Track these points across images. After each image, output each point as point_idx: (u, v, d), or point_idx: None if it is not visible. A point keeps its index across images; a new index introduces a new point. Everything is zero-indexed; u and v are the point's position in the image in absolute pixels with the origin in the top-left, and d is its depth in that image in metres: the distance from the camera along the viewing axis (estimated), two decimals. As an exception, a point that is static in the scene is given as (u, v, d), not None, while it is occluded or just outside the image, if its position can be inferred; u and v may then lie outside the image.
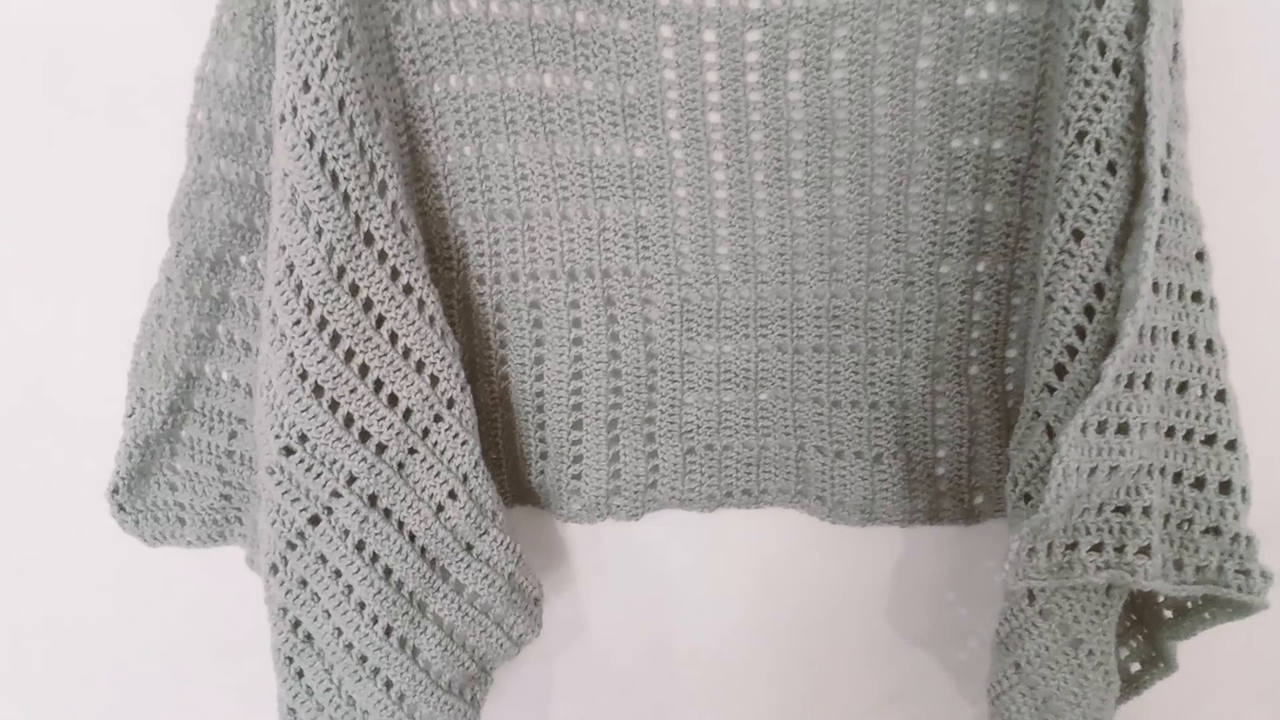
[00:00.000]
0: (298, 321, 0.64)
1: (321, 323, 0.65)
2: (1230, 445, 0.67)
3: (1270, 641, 0.89)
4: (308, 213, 0.63)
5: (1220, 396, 0.67)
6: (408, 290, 0.68)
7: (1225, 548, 0.67)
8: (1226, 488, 0.67)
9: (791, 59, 0.70)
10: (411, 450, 0.70)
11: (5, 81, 0.78)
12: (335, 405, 0.67)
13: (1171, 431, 0.66)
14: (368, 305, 0.67)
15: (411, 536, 0.71)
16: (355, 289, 0.66)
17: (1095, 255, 0.63)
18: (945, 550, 0.87)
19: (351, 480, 0.68)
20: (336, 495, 0.68)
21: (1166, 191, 0.62)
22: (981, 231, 0.74)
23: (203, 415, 0.77)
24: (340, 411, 0.67)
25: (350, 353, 0.66)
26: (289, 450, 0.67)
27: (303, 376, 0.65)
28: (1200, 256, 0.66)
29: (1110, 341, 0.63)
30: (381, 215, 0.66)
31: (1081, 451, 0.62)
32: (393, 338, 0.68)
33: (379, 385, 0.68)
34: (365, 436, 0.68)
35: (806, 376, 0.79)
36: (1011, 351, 0.77)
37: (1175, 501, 0.67)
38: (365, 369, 0.67)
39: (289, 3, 0.61)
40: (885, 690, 0.92)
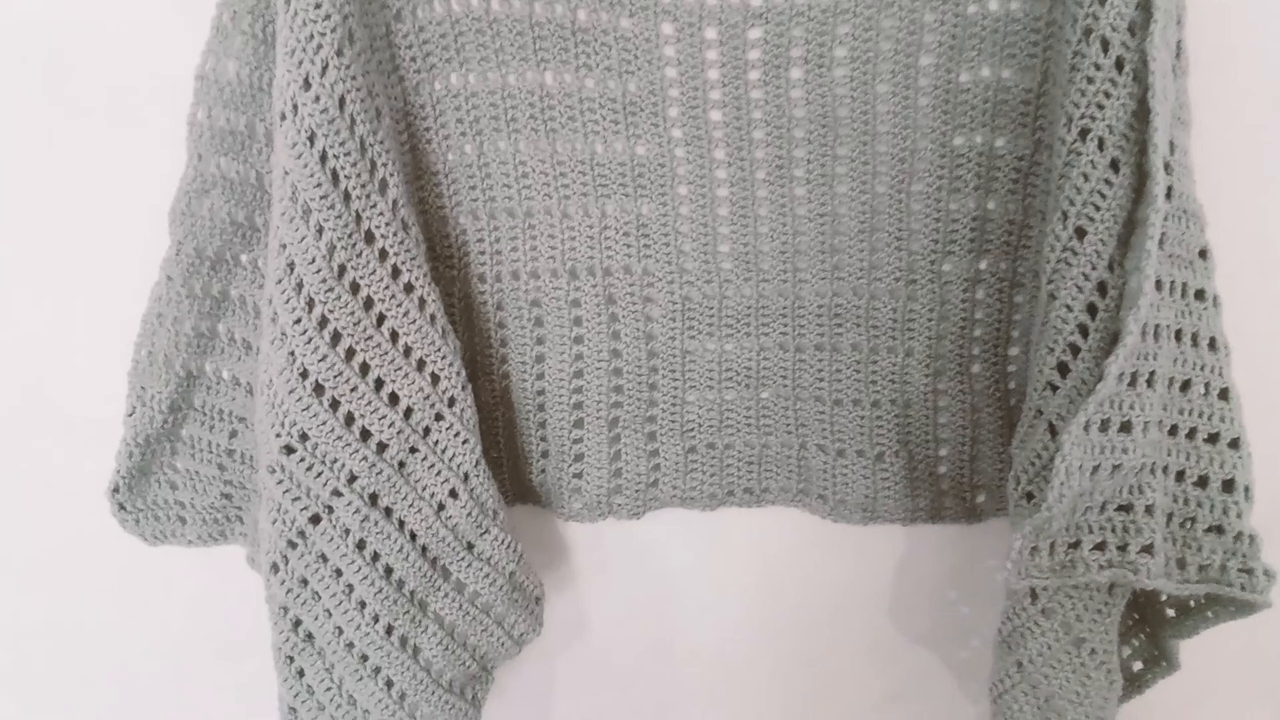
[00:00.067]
0: (298, 320, 0.64)
1: (322, 321, 0.65)
2: (1233, 443, 0.67)
3: (1273, 640, 0.89)
4: (308, 211, 0.63)
5: (1223, 394, 0.67)
6: (408, 289, 0.68)
7: (1228, 546, 0.67)
8: (1229, 486, 0.67)
9: (793, 56, 0.70)
10: (412, 449, 0.70)
11: (5, 81, 0.78)
12: (336, 404, 0.66)
13: (1174, 430, 0.66)
14: (368, 304, 0.66)
15: (412, 535, 0.71)
16: (356, 287, 0.66)
17: (1098, 253, 0.63)
18: (947, 549, 0.87)
19: (352, 479, 0.68)
20: (337, 494, 0.68)
21: (1170, 189, 0.61)
22: (984, 229, 0.74)
23: (203, 414, 0.77)
24: (341, 410, 0.67)
25: (351, 351, 0.66)
26: (290, 449, 0.67)
27: (303, 375, 0.65)
28: (1203, 254, 0.66)
29: (1113, 339, 0.63)
30: (382, 213, 0.66)
31: (1084, 450, 0.62)
32: (393, 336, 0.68)
33: (380, 384, 0.68)
34: (366, 435, 0.68)
35: (808, 375, 0.79)
36: (1014, 350, 0.77)
37: (1178, 500, 0.67)
38: (366, 367, 0.67)
39: (289, 0, 0.61)
40: (887, 689, 0.92)
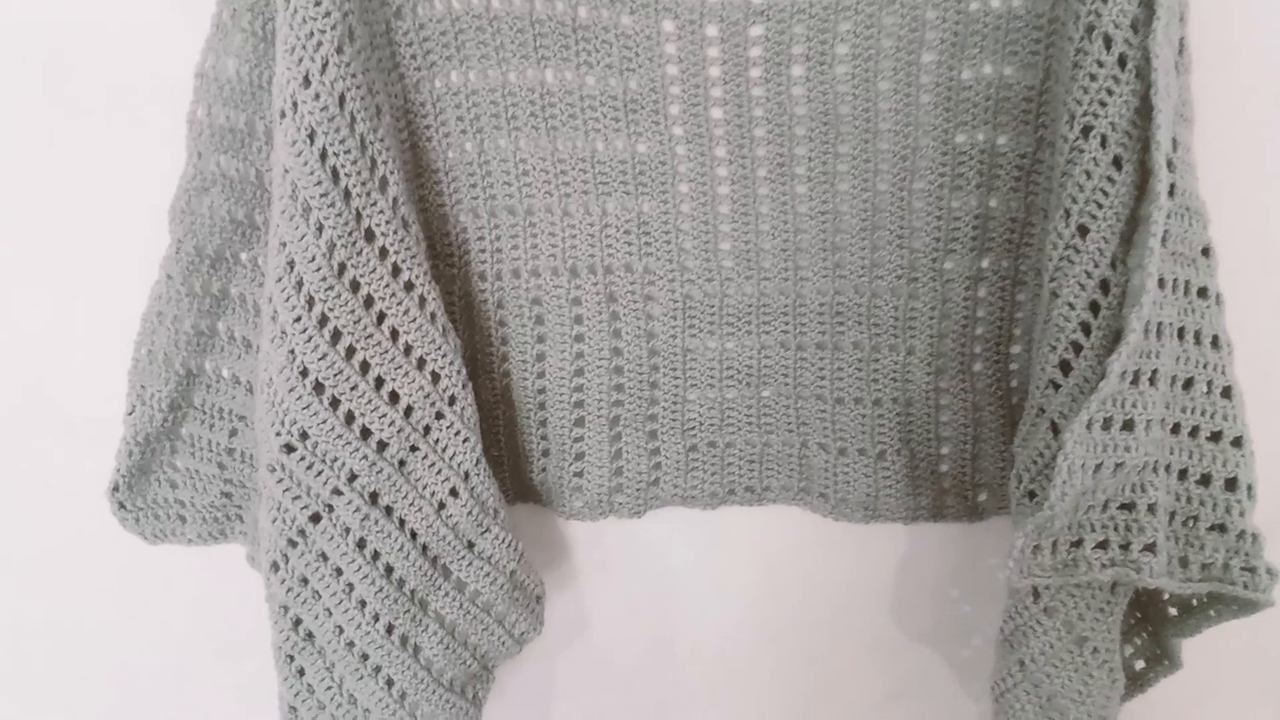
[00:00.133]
0: (298, 318, 0.64)
1: (322, 320, 0.65)
2: (1236, 442, 0.67)
3: (1275, 639, 0.89)
4: (308, 209, 0.63)
5: (1226, 393, 0.66)
6: (409, 287, 0.68)
7: (1231, 545, 0.66)
8: (1232, 484, 0.67)
9: (794, 54, 0.70)
10: (413, 448, 0.70)
11: (5, 81, 0.77)
12: (336, 402, 0.66)
13: (1177, 428, 0.66)
14: (369, 302, 0.66)
15: (413, 534, 0.71)
16: (356, 286, 0.65)
17: (1101, 251, 0.62)
18: (949, 547, 0.87)
19: (353, 478, 0.68)
20: (337, 493, 0.68)
21: (1172, 187, 0.61)
22: (986, 227, 0.74)
23: (203, 412, 0.77)
24: (341, 409, 0.67)
25: (351, 350, 0.66)
26: (290, 448, 0.67)
27: (303, 374, 0.65)
28: (1206, 252, 0.66)
29: (1116, 337, 0.62)
30: (382, 211, 0.65)
31: (1087, 448, 0.61)
32: (394, 335, 0.68)
33: (380, 382, 0.68)
34: (366, 434, 0.68)
35: (809, 373, 0.79)
36: (1016, 348, 0.77)
37: (1181, 498, 0.67)
38: (366, 366, 0.67)
39: (289, -3, 0.61)
40: (888, 688, 0.92)
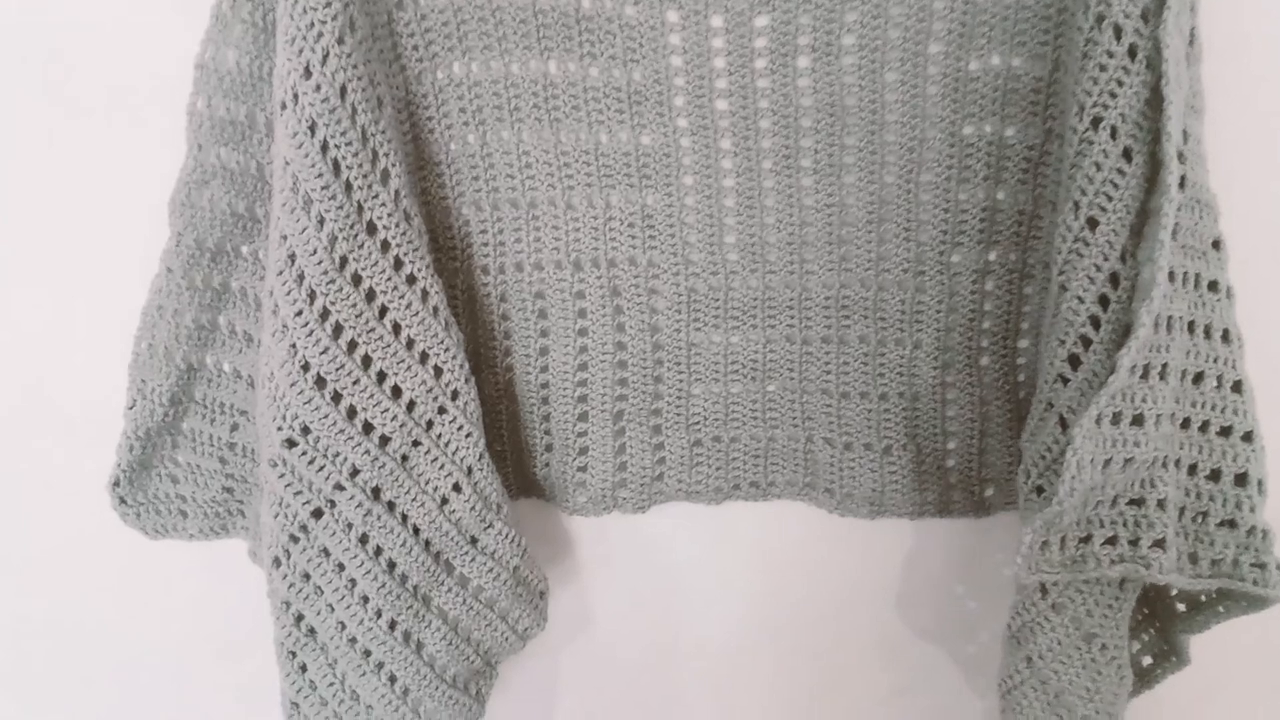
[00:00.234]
0: (300, 312, 0.64)
1: (324, 314, 0.64)
2: (1246, 437, 0.66)
3: (1284, 635, 0.89)
4: (309, 201, 0.63)
5: (1236, 387, 0.66)
6: (411, 281, 0.67)
7: (1241, 541, 0.66)
8: (1242, 480, 0.66)
9: (800, 45, 0.69)
10: (415, 442, 0.69)
11: (5, 81, 0.77)
12: (338, 397, 0.66)
13: (1187, 423, 0.66)
14: (370, 296, 0.66)
15: (415, 530, 0.70)
16: (358, 279, 0.65)
17: (1110, 244, 0.62)
18: (955, 543, 0.86)
19: (355, 473, 0.68)
20: (339, 488, 0.68)
21: (1183, 179, 0.61)
22: (993, 220, 0.73)
23: (204, 407, 0.76)
24: (343, 403, 0.66)
25: (353, 344, 0.66)
26: (291, 442, 0.66)
27: (305, 368, 0.65)
28: (1216, 245, 0.65)
29: (1125, 331, 0.62)
30: (384, 204, 0.65)
31: (1096, 443, 0.61)
32: (396, 329, 0.67)
33: (382, 377, 0.67)
34: (368, 429, 0.67)
35: (815, 367, 0.78)
36: (1023, 342, 0.76)
37: (1190, 494, 0.67)
38: (368, 360, 0.67)
39: (289, -12, 0.60)
40: (894, 684, 0.92)
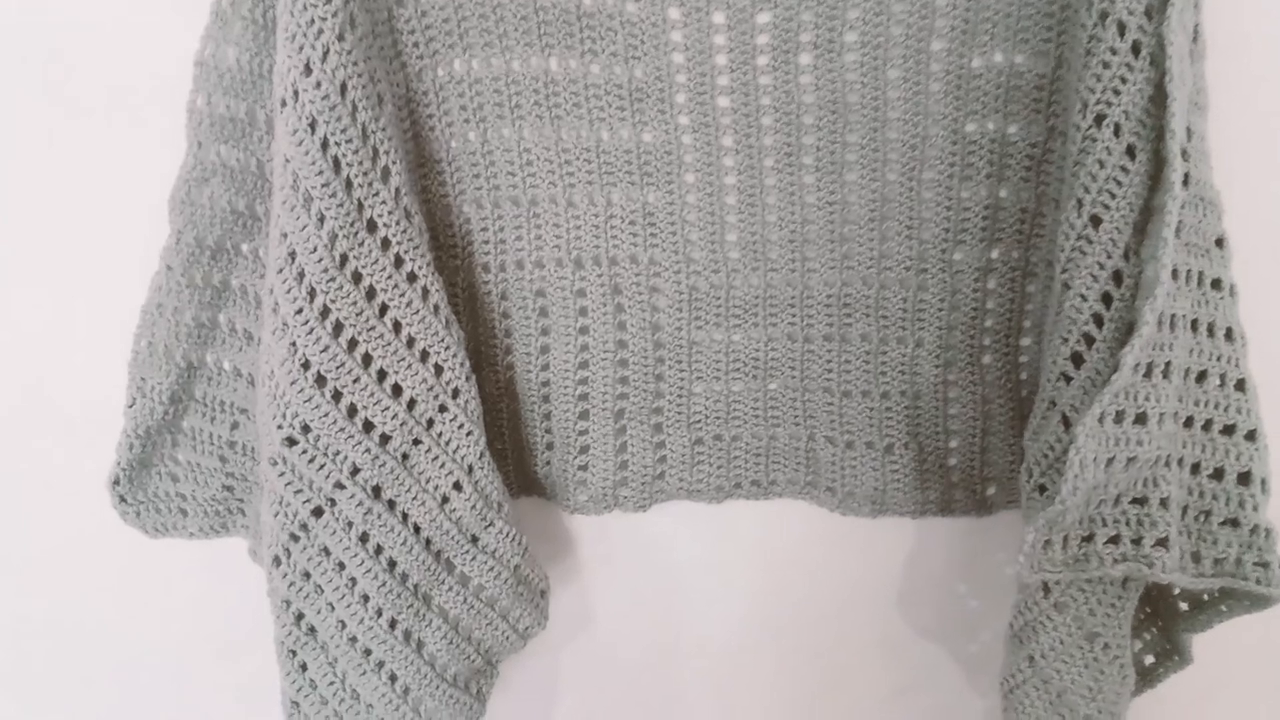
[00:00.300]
0: (300, 310, 0.64)
1: (324, 311, 0.64)
2: (1250, 435, 0.66)
3: (1287, 634, 0.88)
4: (310, 199, 0.62)
5: (1240, 386, 0.66)
6: (411, 278, 0.67)
7: (1244, 540, 0.66)
8: (1245, 479, 0.66)
9: (803, 41, 0.69)
10: (416, 441, 0.69)
11: (5, 81, 0.77)
12: (338, 395, 0.66)
13: (1190, 421, 0.65)
14: (371, 294, 0.66)
15: (416, 528, 0.70)
16: (358, 277, 0.65)
17: (1113, 242, 0.62)
18: (957, 542, 0.86)
19: (355, 471, 0.68)
20: (340, 486, 0.68)
21: (1186, 176, 0.60)
22: (996, 218, 0.73)
23: (204, 405, 0.76)
24: (343, 402, 0.66)
25: (353, 342, 0.66)
26: (292, 441, 0.66)
27: (305, 366, 0.65)
28: (1220, 243, 0.65)
29: (1128, 329, 0.62)
30: (385, 202, 0.65)
31: (1099, 442, 0.61)
32: (396, 327, 0.67)
33: (383, 375, 0.67)
34: (369, 427, 0.67)
35: (817, 366, 0.78)
36: (1026, 340, 0.76)
37: (1193, 493, 0.66)
38: (369, 359, 0.66)
39: (289, -15, 0.60)
40: (895, 683, 0.92)
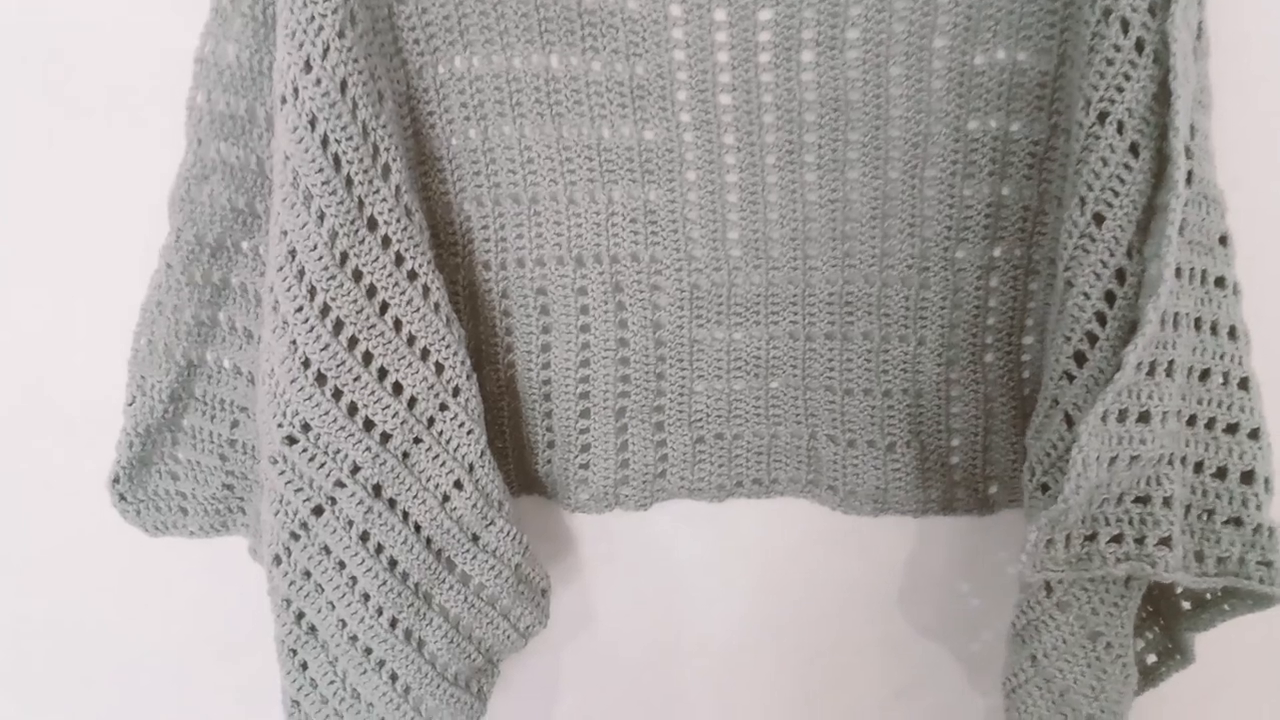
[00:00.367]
0: (300, 308, 0.63)
1: (324, 309, 0.64)
2: (1253, 434, 0.66)
3: (1290, 633, 0.88)
4: (310, 196, 0.62)
5: (1243, 384, 0.66)
6: (412, 276, 0.67)
7: (1247, 539, 0.66)
8: (1249, 478, 0.66)
9: (804, 38, 0.69)
10: (416, 439, 0.69)
11: (5, 81, 0.77)
12: (339, 393, 0.66)
13: (1193, 420, 0.65)
14: (371, 291, 0.66)
15: (417, 527, 0.70)
16: (359, 275, 0.65)
17: (1117, 240, 0.61)
18: (959, 541, 0.86)
19: (355, 470, 0.67)
20: (340, 485, 0.67)
21: (1190, 174, 0.60)
22: (998, 216, 0.73)
23: (204, 403, 0.76)
24: (344, 400, 0.66)
25: (354, 340, 0.65)
26: (292, 439, 0.66)
27: (305, 364, 0.64)
28: (1223, 240, 0.65)
29: (1131, 328, 0.62)
30: (385, 199, 0.65)
31: (1102, 440, 0.61)
32: (397, 325, 0.67)
33: (383, 373, 0.67)
34: (369, 425, 0.67)
35: (818, 364, 0.78)
36: (1028, 338, 0.76)
37: (1196, 492, 0.66)
38: (369, 357, 0.66)
39: (290, -19, 0.60)
40: (897, 682, 0.92)
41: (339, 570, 0.69)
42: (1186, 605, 0.74)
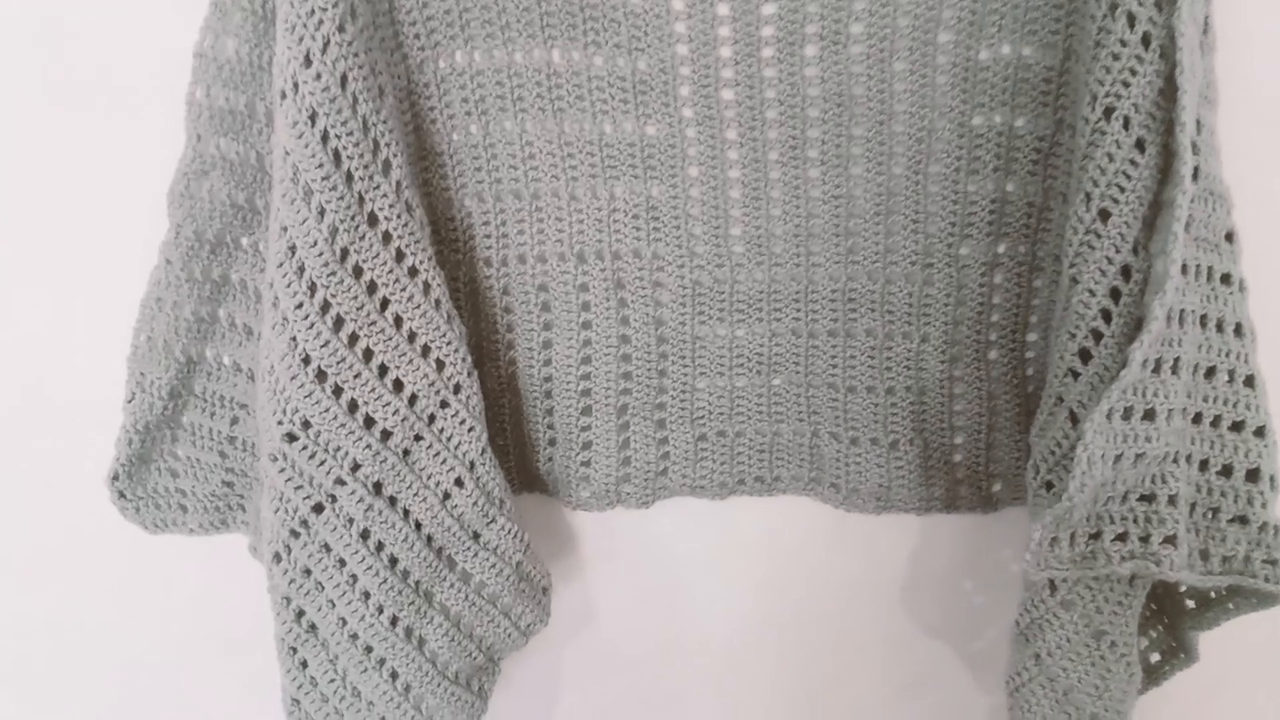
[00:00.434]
0: (300, 305, 0.63)
1: (325, 306, 0.64)
2: (1258, 432, 0.66)
3: (1293, 632, 0.88)
4: (310, 192, 0.62)
5: (1249, 382, 0.65)
6: (413, 273, 0.67)
7: (1253, 537, 0.65)
8: (1254, 475, 0.65)
9: (808, 33, 0.68)
10: (417, 437, 0.69)
11: (5, 78, 0.77)
12: (339, 391, 0.65)
13: (1198, 418, 0.65)
14: (372, 288, 0.65)
15: (417, 525, 0.70)
16: (359, 271, 0.65)
17: (1122, 236, 0.61)
18: (962, 539, 0.86)
19: (356, 467, 0.67)
20: (340, 482, 0.67)
21: (1196, 170, 0.60)
22: (1002, 212, 0.72)
23: (204, 400, 0.76)
24: (344, 397, 0.66)
25: (354, 337, 0.65)
26: (292, 436, 0.66)
27: (305, 361, 0.64)
28: (1229, 237, 0.64)
29: (1137, 325, 0.61)
30: (386, 195, 0.64)
31: (1107, 438, 0.60)
32: (398, 321, 0.67)
33: (384, 370, 0.67)
34: (370, 423, 0.67)
35: (821, 361, 0.77)
36: (1032, 335, 0.75)
37: (1201, 490, 0.66)
38: (370, 354, 0.66)
39: (289, -25, 0.59)
40: (900, 681, 0.91)
41: (339, 568, 0.69)
42: (1191, 604, 0.74)
